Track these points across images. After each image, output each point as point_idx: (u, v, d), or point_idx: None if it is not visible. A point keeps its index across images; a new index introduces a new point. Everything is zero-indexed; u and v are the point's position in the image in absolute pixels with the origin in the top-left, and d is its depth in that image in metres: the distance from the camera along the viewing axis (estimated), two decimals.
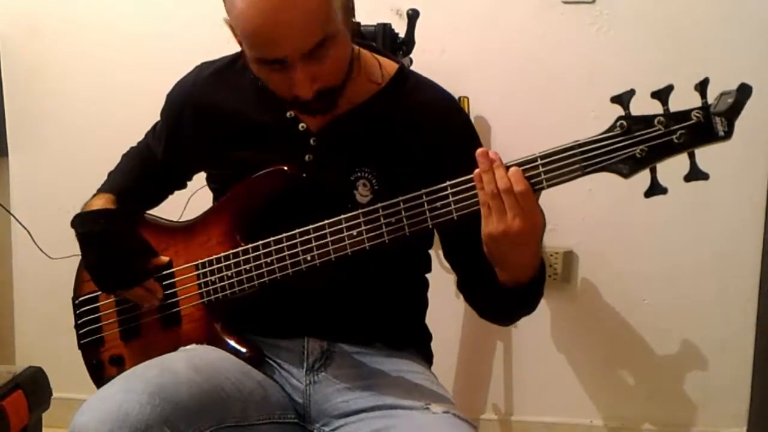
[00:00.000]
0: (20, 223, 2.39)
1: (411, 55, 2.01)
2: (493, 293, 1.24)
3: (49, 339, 2.38)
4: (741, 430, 2.33)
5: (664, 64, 2.15)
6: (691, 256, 2.26)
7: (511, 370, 2.39)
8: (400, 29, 2.02)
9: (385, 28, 1.97)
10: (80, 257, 1.44)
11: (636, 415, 2.38)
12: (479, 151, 1.13)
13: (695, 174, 1.08)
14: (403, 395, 1.27)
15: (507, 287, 1.21)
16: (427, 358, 1.48)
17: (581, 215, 2.27)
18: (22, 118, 2.45)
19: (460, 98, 2.12)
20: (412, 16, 2.00)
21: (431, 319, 1.49)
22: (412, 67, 1.47)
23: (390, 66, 1.36)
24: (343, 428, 1.28)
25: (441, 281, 1.52)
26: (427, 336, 1.50)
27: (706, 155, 1.07)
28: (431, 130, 1.32)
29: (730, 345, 2.30)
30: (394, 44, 1.99)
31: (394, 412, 1.24)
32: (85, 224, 1.39)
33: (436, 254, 1.45)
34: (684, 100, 1.06)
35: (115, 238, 1.37)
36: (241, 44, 1.24)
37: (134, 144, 1.57)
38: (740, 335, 2.29)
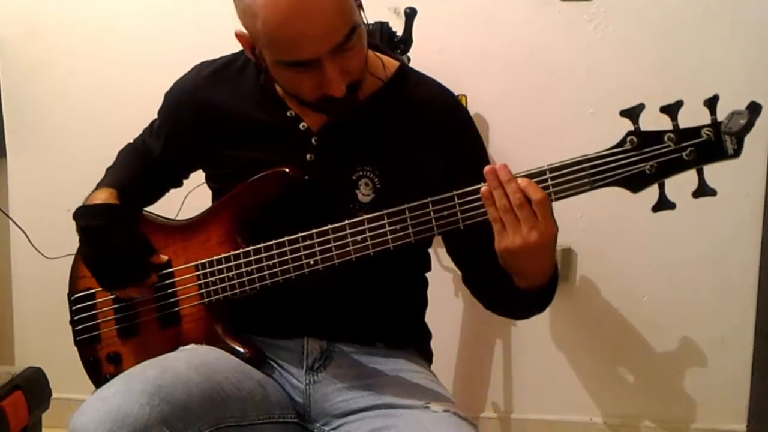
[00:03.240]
0: (16, 225, 2.38)
1: (409, 54, 2.01)
2: (506, 294, 1.25)
3: (48, 339, 2.38)
4: (741, 427, 2.33)
5: (662, 61, 2.14)
6: (691, 253, 2.26)
7: (511, 368, 2.39)
8: (398, 28, 2.02)
9: (383, 27, 1.97)
10: (77, 253, 1.44)
11: (636, 412, 2.38)
12: (487, 168, 1.12)
13: (703, 190, 1.09)
14: (402, 394, 1.27)
15: (523, 290, 1.21)
16: (426, 357, 1.48)
17: (580, 213, 2.27)
18: (21, 119, 2.45)
19: (458, 96, 2.12)
20: (410, 14, 1.99)
21: (431, 318, 1.49)
22: (410, 66, 1.47)
23: (390, 64, 1.36)
24: (343, 427, 1.28)
25: (441, 280, 1.52)
26: (427, 335, 1.50)
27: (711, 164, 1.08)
28: (433, 128, 1.32)
29: (729, 341, 2.30)
30: (391, 43, 1.99)
31: (394, 411, 1.24)
32: (87, 217, 1.38)
33: (436, 253, 1.45)
34: (683, 100, 1.06)
35: (116, 234, 1.37)
36: (254, 54, 1.23)
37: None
38: (740, 332, 2.29)
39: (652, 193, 1.11)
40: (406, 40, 2.00)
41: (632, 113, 1.07)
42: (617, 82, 2.10)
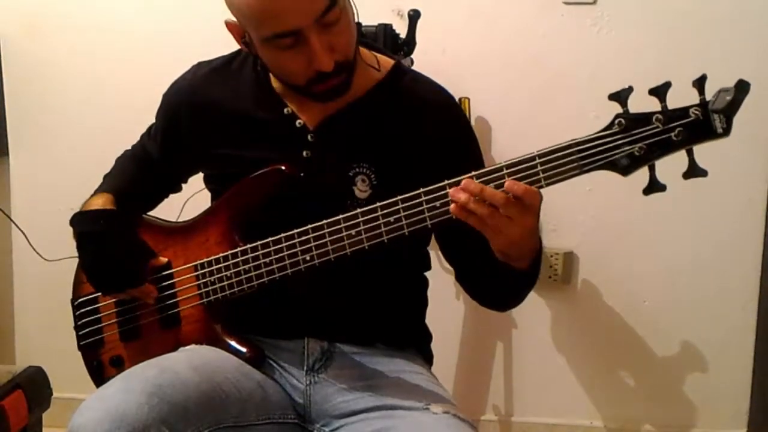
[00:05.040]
0: (16, 225, 2.39)
1: (412, 56, 2.01)
2: (505, 281, 1.25)
3: (49, 339, 2.38)
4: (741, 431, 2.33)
5: (665, 64, 2.14)
6: (692, 257, 2.26)
7: (512, 370, 2.39)
8: (401, 30, 2.02)
9: (386, 29, 1.97)
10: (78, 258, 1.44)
11: (636, 416, 2.38)
12: (452, 192, 1.11)
13: (694, 171, 1.08)
14: (403, 396, 1.27)
15: (521, 272, 1.21)
16: (427, 358, 1.48)
17: (581, 216, 2.27)
18: (23, 117, 2.45)
19: (460, 99, 2.12)
20: (413, 16, 2.00)
21: (431, 320, 1.49)
22: (413, 68, 1.47)
23: (386, 62, 1.37)
24: (343, 428, 1.28)
25: (441, 281, 1.52)
26: (427, 336, 1.50)
27: (705, 155, 1.07)
28: (428, 124, 1.32)
29: (730, 346, 2.30)
30: (395, 45, 1.99)
31: (394, 412, 1.24)
32: (84, 223, 1.38)
33: (436, 253, 1.45)
34: (684, 100, 1.06)
35: (113, 240, 1.37)
36: (245, 42, 1.24)
37: (134, 142, 1.57)
38: (740, 336, 2.29)
39: (653, 197, 1.10)
40: (410, 43, 2.01)
41: (620, 96, 1.07)
42: (620, 86, 2.09)
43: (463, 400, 2.39)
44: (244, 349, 1.33)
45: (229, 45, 1.39)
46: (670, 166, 1.08)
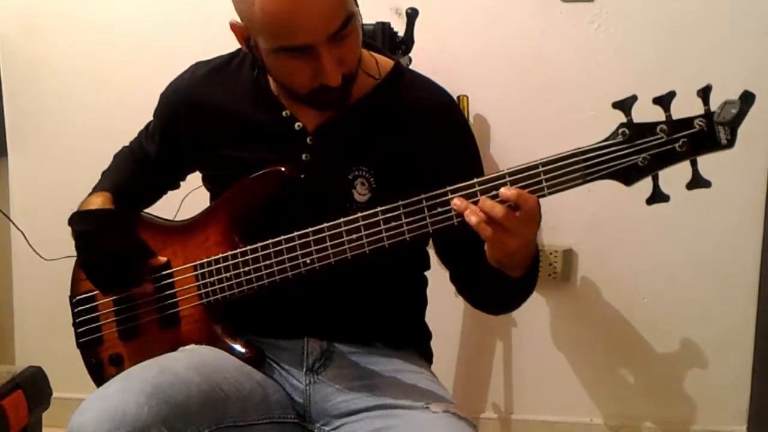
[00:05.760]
0: (15, 225, 2.39)
1: (410, 54, 2.01)
2: (500, 288, 1.25)
3: (48, 339, 2.38)
4: (741, 428, 2.33)
5: (663, 62, 2.14)
6: (691, 255, 2.26)
7: (511, 368, 2.39)
8: (400, 28, 2.02)
9: (384, 27, 1.97)
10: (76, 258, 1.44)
11: (636, 414, 2.38)
12: (454, 202, 1.12)
13: (697, 181, 1.08)
14: (403, 395, 1.27)
15: (518, 280, 1.21)
16: (426, 357, 1.48)
17: (581, 214, 2.27)
18: (22, 118, 2.45)
19: (459, 97, 2.12)
20: (412, 14, 1.99)
21: (431, 318, 1.49)
22: (412, 66, 1.47)
23: (386, 63, 1.36)
24: (343, 428, 1.28)
25: (441, 279, 1.52)
26: (427, 335, 1.50)
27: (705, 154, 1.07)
28: (428, 127, 1.32)
29: (730, 343, 2.30)
30: (393, 43, 1.99)
31: (394, 411, 1.24)
32: (82, 223, 1.38)
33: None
34: (683, 100, 1.06)
35: (111, 239, 1.36)
36: (249, 45, 1.23)
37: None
38: (740, 333, 2.29)
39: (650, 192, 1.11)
40: (408, 41, 2.00)
41: (624, 105, 1.06)
42: (618, 84, 2.10)
43: (463, 398, 2.39)
44: (243, 350, 1.33)
45: (229, 45, 1.39)
46: (671, 168, 1.08)
